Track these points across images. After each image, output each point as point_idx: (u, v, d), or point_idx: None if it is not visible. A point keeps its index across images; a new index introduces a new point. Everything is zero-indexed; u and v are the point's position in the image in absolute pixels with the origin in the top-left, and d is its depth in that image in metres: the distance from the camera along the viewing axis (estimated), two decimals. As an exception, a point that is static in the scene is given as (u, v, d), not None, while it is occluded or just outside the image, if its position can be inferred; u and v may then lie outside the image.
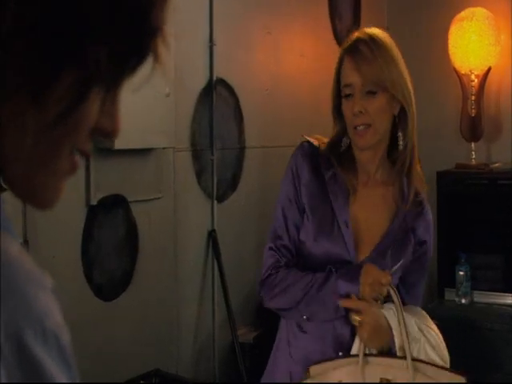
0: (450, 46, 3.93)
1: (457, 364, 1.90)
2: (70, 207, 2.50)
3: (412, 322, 1.85)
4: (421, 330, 1.87)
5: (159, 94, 2.56)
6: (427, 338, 1.87)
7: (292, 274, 1.90)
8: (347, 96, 1.91)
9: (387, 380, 1.75)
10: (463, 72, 3.90)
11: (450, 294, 3.73)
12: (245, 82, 3.41)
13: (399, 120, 1.94)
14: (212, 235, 3.20)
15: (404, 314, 1.80)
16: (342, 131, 1.97)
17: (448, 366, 1.86)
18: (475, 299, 3.68)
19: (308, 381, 1.77)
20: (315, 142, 2.02)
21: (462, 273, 3.64)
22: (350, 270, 1.86)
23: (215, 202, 3.23)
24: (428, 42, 4.38)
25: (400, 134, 1.94)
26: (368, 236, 1.93)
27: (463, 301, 3.65)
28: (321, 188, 1.94)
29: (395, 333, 1.80)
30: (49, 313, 0.60)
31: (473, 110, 3.89)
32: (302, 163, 1.98)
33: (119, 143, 2.52)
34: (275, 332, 2.02)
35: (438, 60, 4.31)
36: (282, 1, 3.63)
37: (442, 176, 3.85)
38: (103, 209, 2.63)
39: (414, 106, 1.94)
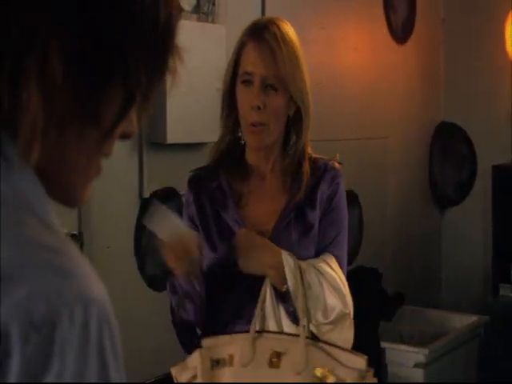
0: (507, 38, 3.87)
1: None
2: (124, 200, 2.57)
3: (312, 274, 1.76)
4: (321, 274, 1.77)
5: (210, 89, 2.60)
6: (328, 282, 1.78)
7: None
8: (246, 82, 1.79)
9: (277, 352, 1.69)
10: (520, 65, 3.84)
11: (504, 290, 3.69)
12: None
13: (293, 122, 1.85)
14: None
15: (306, 268, 1.75)
16: (231, 128, 1.85)
17: (351, 309, 1.82)
18: (530, 295, 3.63)
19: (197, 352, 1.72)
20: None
21: (517, 268, 3.59)
22: None
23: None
24: (484, 35, 4.32)
25: (293, 136, 1.85)
26: (267, 223, 1.83)
27: (518, 296, 3.60)
28: (209, 204, 1.85)
29: (289, 276, 1.72)
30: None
31: (530, 104, 3.82)
32: (188, 196, 1.89)
33: (171, 138, 2.57)
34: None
35: (493, 53, 4.25)
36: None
37: (497, 170, 3.80)
38: (156, 201, 2.69)
39: (310, 109, 1.84)
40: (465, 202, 4.44)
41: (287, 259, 1.74)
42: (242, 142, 1.86)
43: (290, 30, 1.82)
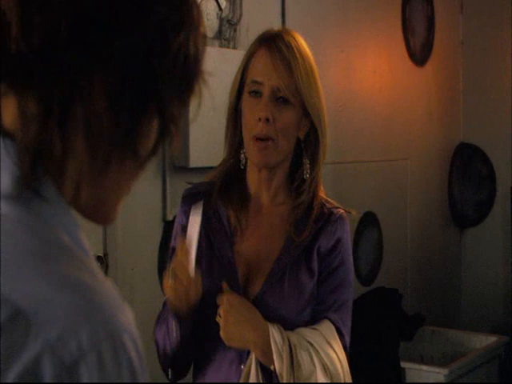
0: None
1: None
2: (148, 222, 2.63)
3: (303, 352, 1.57)
4: (315, 351, 1.58)
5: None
6: (323, 362, 1.58)
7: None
8: (254, 93, 1.59)
9: None
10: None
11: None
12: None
13: (305, 144, 1.64)
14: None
15: (296, 339, 1.56)
16: (235, 149, 1.67)
17: None
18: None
19: None
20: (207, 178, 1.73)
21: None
22: None
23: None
24: (503, 56, 4.35)
25: (306, 160, 1.64)
26: (260, 269, 1.63)
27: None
28: (203, 232, 1.62)
29: (275, 355, 1.53)
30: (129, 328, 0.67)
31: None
32: (180, 213, 1.72)
33: (194, 162, 2.63)
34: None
35: (512, 75, 4.28)
36: (355, 19, 3.68)
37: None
38: (179, 224, 2.74)
39: (327, 131, 1.65)
40: (484, 222, 4.45)
41: (274, 336, 1.54)
42: (242, 165, 1.67)
43: (304, 43, 1.65)
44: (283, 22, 3.26)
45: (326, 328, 1.61)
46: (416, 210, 4.15)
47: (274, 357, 1.54)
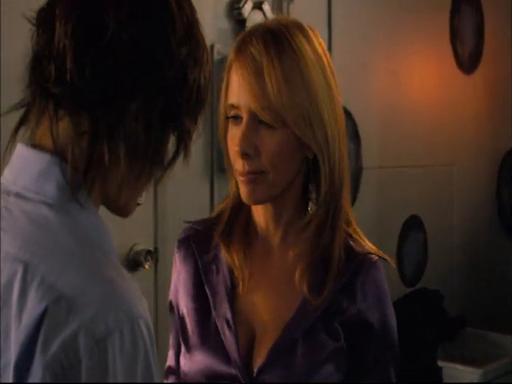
0: None
1: None
2: (196, 219, 2.80)
3: None
4: None
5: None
6: None
7: None
8: (234, 118, 1.25)
9: None
10: None
11: None
12: (364, 109, 3.58)
13: (313, 165, 1.27)
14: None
15: None
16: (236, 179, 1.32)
17: None
18: None
19: None
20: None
21: None
22: None
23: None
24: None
25: (312, 188, 1.28)
26: (267, 333, 1.28)
27: None
28: (196, 282, 1.35)
29: None
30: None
31: None
32: (176, 256, 1.43)
33: (239, 164, 2.79)
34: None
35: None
36: (402, 27, 3.76)
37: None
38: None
39: (335, 155, 1.24)
40: (532, 228, 4.48)
41: None
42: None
43: (302, 37, 1.23)
44: (329, 32, 3.37)
45: None
46: (463, 214, 4.21)
47: None
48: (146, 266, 2.57)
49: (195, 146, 3.24)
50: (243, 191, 1.25)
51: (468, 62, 4.21)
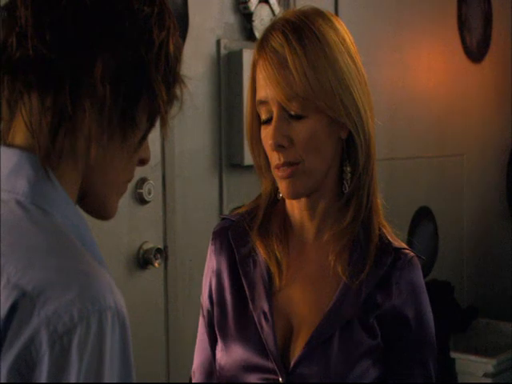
0: None
1: None
2: (205, 217, 2.79)
3: None
4: None
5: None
6: None
7: None
8: (266, 123, 1.26)
9: None
10: None
11: None
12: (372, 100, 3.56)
13: (347, 147, 1.28)
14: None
15: None
16: (265, 173, 1.33)
17: None
18: None
19: None
20: (242, 209, 1.41)
21: None
22: None
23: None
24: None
25: (347, 168, 1.29)
26: (304, 326, 1.29)
27: None
28: (232, 275, 1.35)
29: None
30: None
31: None
32: (211, 248, 1.41)
33: (248, 160, 2.78)
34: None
35: None
36: (409, 15, 3.75)
37: None
38: (235, 218, 2.91)
39: (369, 127, 1.27)
40: (543, 217, 4.46)
41: None
42: (279, 197, 1.35)
43: (322, 21, 1.25)
44: (337, 23, 3.36)
45: None
46: (472, 205, 4.20)
47: None
48: (156, 264, 2.57)
49: (204, 142, 3.25)
50: (283, 186, 1.26)
51: (476, 51, 4.19)
